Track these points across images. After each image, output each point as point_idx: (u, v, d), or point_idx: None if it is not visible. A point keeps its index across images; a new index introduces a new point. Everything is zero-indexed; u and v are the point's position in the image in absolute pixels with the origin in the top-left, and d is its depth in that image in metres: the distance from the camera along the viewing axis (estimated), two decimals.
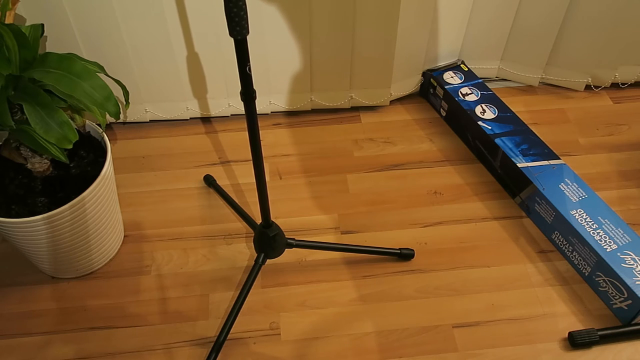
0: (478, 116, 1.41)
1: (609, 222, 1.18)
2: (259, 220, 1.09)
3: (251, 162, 0.94)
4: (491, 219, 1.30)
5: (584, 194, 1.23)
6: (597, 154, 1.43)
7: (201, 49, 1.36)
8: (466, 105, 1.44)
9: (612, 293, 1.12)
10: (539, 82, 1.60)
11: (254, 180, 0.97)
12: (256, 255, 1.13)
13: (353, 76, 1.47)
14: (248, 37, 1.23)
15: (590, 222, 1.18)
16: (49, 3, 1.22)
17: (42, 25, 1.06)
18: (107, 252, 1.21)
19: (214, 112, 1.51)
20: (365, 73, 1.46)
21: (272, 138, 1.49)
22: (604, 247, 1.14)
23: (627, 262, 1.11)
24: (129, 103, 1.16)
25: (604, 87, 1.59)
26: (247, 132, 0.89)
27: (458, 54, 1.56)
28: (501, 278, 1.19)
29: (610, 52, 1.48)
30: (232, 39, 0.76)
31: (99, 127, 1.15)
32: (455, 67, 1.54)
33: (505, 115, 1.41)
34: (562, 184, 1.25)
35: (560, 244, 1.23)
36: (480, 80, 1.51)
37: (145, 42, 1.32)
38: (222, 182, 1.38)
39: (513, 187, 1.33)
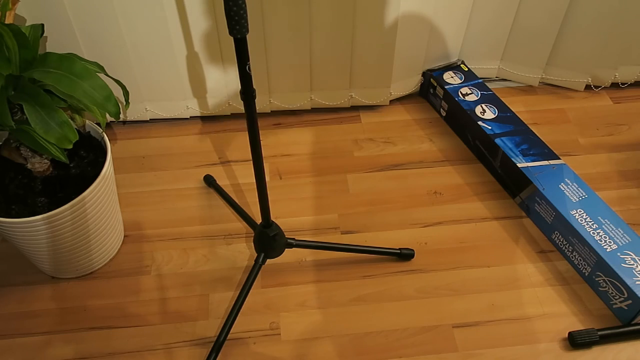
0: (478, 116, 1.41)
1: (609, 222, 1.18)
2: (259, 220, 1.09)
3: (251, 162, 0.94)
4: (491, 219, 1.30)
5: (584, 194, 1.23)
6: (597, 154, 1.43)
7: (201, 48, 1.36)
8: (466, 105, 1.44)
9: (612, 293, 1.12)
10: (539, 82, 1.60)
11: (254, 180, 0.97)
12: (256, 255, 1.13)
13: (353, 75, 1.47)
14: (248, 36, 1.23)
15: (590, 222, 1.18)
16: (49, 3, 1.22)
17: (42, 25, 1.06)
18: (107, 252, 1.21)
19: (214, 111, 1.51)
20: (365, 72, 1.46)
21: (272, 138, 1.49)
22: (604, 247, 1.14)
23: (627, 262, 1.11)
24: (129, 103, 1.16)
25: (604, 87, 1.59)
26: (247, 132, 0.89)
27: (458, 53, 1.56)
28: (501, 278, 1.19)
29: (610, 52, 1.48)
30: (232, 38, 0.76)
31: (99, 127, 1.15)
32: (455, 67, 1.55)
33: (505, 115, 1.41)
34: (562, 184, 1.25)
35: (560, 244, 1.23)
36: (480, 80, 1.51)
37: (146, 41, 1.32)
38: (222, 182, 1.38)
39: (513, 187, 1.33)
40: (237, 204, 1.30)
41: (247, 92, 0.82)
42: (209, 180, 1.37)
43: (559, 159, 1.31)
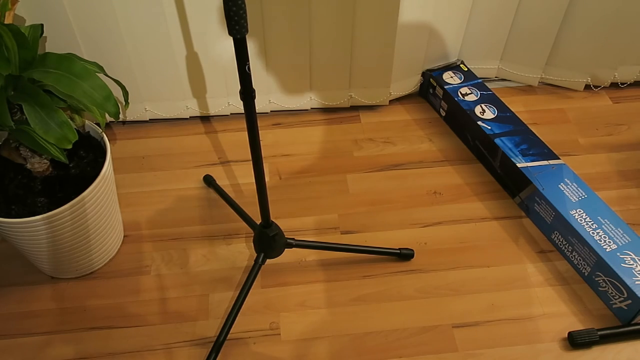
0: (478, 116, 1.41)
1: (608, 222, 1.18)
2: (258, 220, 1.09)
3: (251, 162, 0.94)
4: (491, 219, 1.30)
5: (584, 194, 1.23)
6: (596, 154, 1.43)
7: (200, 48, 1.36)
8: (466, 105, 1.44)
9: (611, 293, 1.12)
10: (539, 82, 1.60)
11: (254, 180, 0.97)
12: (256, 255, 1.13)
13: (352, 75, 1.47)
14: (247, 36, 1.23)
15: (589, 222, 1.18)
16: (48, 3, 1.22)
17: (42, 25, 1.06)
18: (106, 252, 1.21)
19: (213, 111, 1.51)
20: (364, 72, 1.46)
21: (271, 138, 1.49)
22: (604, 247, 1.14)
23: (626, 262, 1.11)
24: (128, 103, 1.16)
25: (604, 87, 1.59)
26: (246, 132, 0.89)
27: (457, 53, 1.56)
28: (501, 278, 1.19)
29: (610, 51, 1.48)
30: (231, 38, 0.76)
31: (98, 127, 1.15)
32: (454, 67, 1.55)
33: (505, 115, 1.41)
34: (561, 184, 1.25)
35: (560, 244, 1.23)
36: (479, 80, 1.51)
37: (145, 41, 1.32)
38: (222, 182, 1.38)
39: (513, 187, 1.33)
40: (237, 204, 1.30)
41: (247, 92, 0.82)
42: (209, 180, 1.37)
43: (559, 159, 1.31)
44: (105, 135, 1.14)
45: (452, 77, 1.51)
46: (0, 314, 1.15)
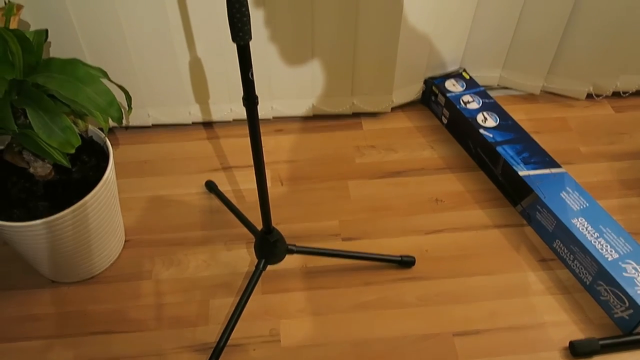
0: (479, 124, 1.41)
1: (610, 231, 1.17)
2: (260, 226, 1.09)
3: (253, 167, 0.94)
4: (492, 227, 1.30)
5: (585, 202, 1.23)
6: (598, 163, 1.43)
7: (204, 54, 1.37)
8: (468, 113, 1.44)
9: (613, 302, 1.12)
10: (541, 91, 1.61)
11: (256, 186, 0.97)
12: (257, 261, 1.13)
13: (355, 82, 1.48)
14: (250, 43, 1.23)
15: (591, 230, 1.18)
16: (53, 9, 1.23)
17: (46, 30, 1.07)
18: (107, 257, 1.21)
19: (216, 117, 1.52)
20: (367, 79, 1.47)
21: (273, 144, 1.49)
22: (605, 256, 1.13)
23: (628, 271, 1.11)
24: (131, 108, 1.16)
25: (606, 96, 1.60)
26: (248, 138, 0.89)
27: (460, 61, 1.56)
28: (502, 286, 1.19)
29: (612, 60, 1.48)
30: (234, 45, 0.76)
31: (101, 132, 1.15)
32: (457, 75, 1.55)
33: (507, 124, 1.42)
34: (563, 192, 1.25)
35: (562, 253, 1.22)
36: (481, 88, 1.51)
37: (149, 47, 1.33)
38: (224, 187, 1.38)
39: (514, 195, 1.33)
40: (239, 210, 1.30)
41: (250, 98, 0.82)
42: (211, 186, 1.37)
43: (560, 167, 1.31)
44: (108, 140, 1.14)
45: (454, 85, 1.52)
46: (0, 317, 1.15)
